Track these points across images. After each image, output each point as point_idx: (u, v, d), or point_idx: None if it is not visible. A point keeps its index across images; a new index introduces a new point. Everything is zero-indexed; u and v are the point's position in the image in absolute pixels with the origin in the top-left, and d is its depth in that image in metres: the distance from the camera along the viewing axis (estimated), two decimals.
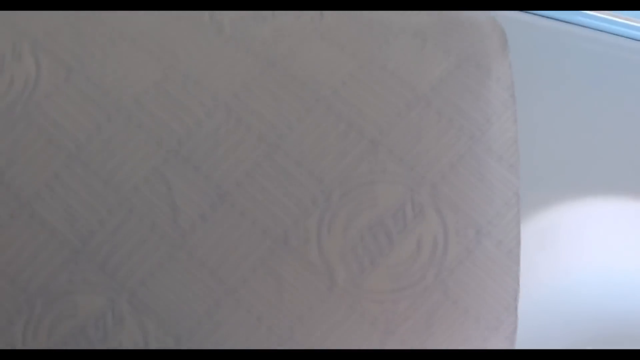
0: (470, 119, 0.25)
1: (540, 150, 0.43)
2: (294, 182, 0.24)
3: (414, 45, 0.27)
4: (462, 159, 0.25)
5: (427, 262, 0.24)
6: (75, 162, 0.24)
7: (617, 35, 0.49)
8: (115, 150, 0.25)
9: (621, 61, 0.48)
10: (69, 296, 0.25)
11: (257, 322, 0.25)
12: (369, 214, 0.24)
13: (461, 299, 0.24)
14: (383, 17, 0.28)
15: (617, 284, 0.43)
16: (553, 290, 0.41)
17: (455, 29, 0.27)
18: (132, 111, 0.25)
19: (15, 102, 0.25)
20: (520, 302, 0.40)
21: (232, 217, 0.24)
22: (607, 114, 0.46)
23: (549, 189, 0.41)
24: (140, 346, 0.25)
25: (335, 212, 0.24)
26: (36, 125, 0.25)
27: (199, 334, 0.25)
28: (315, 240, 0.24)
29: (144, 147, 0.25)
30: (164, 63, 0.26)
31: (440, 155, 0.25)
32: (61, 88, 0.25)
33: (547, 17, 0.49)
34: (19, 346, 0.25)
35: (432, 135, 0.25)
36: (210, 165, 0.24)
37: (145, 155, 0.25)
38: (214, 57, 0.26)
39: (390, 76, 0.26)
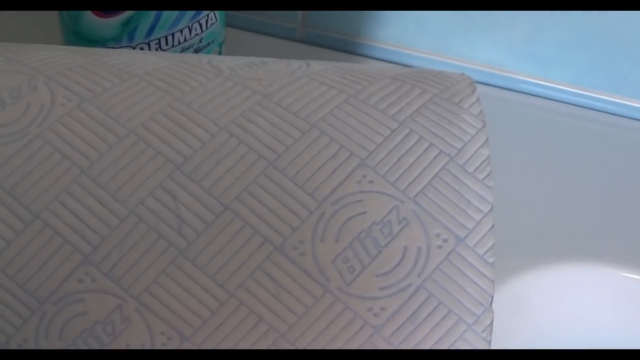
0: (446, 143, 0.28)
1: (514, 216, 0.45)
2: (290, 197, 0.27)
3: (393, 85, 0.30)
4: (440, 178, 0.27)
5: (412, 268, 0.27)
6: (85, 178, 0.27)
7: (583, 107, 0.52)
8: (124, 166, 0.27)
9: (595, 132, 0.50)
10: (79, 295, 0.26)
11: (257, 322, 0.26)
12: (359, 223, 0.27)
13: (443, 300, 0.27)
14: (362, 68, 0.32)
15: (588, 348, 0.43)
16: None
17: (428, 76, 0.31)
18: (140, 134, 0.27)
19: (30, 124, 0.27)
20: None
21: (233, 228, 0.26)
22: (583, 181, 0.48)
23: (522, 255, 0.43)
24: (147, 345, 0.26)
25: (327, 223, 0.27)
26: (50, 144, 0.27)
27: (203, 332, 0.26)
28: (310, 248, 0.26)
29: (151, 164, 0.27)
30: (169, 95, 0.28)
31: (421, 174, 0.27)
32: (73, 113, 0.28)
33: (501, 88, 0.52)
34: (31, 346, 0.26)
35: (413, 157, 0.28)
36: (213, 180, 0.27)
37: (152, 171, 0.27)
38: (215, 91, 0.29)
39: (373, 108, 0.29)
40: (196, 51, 0.44)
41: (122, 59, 0.31)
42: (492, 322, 0.27)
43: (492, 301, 0.27)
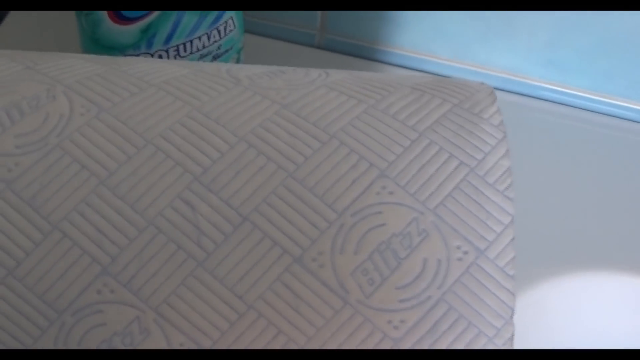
0: (466, 154, 0.28)
1: (533, 224, 0.45)
2: (309, 208, 0.26)
3: (412, 95, 0.30)
4: (461, 189, 0.27)
5: (432, 281, 0.26)
6: (104, 188, 0.26)
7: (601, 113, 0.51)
8: (143, 177, 0.27)
9: (615, 139, 0.50)
10: (97, 306, 0.26)
11: (276, 334, 0.26)
12: (378, 235, 0.27)
13: (463, 313, 0.26)
14: (382, 77, 0.31)
15: None
16: None
17: (447, 86, 0.30)
18: (158, 144, 0.27)
19: (49, 134, 0.28)
20: None
21: (252, 239, 0.26)
22: (603, 189, 0.47)
23: (541, 264, 0.42)
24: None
25: (346, 234, 0.26)
26: (69, 154, 0.27)
27: (221, 344, 0.26)
28: (329, 260, 0.26)
29: (170, 175, 0.27)
30: (188, 105, 0.28)
31: (441, 185, 0.27)
32: (92, 123, 0.28)
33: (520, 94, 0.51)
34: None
35: (433, 168, 0.27)
36: (232, 191, 0.27)
37: (171, 182, 0.27)
38: (234, 101, 0.29)
39: (393, 119, 0.29)
40: (215, 58, 0.44)
41: (141, 68, 0.30)
42: (512, 335, 0.27)
43: (512, 314, 0.27)
